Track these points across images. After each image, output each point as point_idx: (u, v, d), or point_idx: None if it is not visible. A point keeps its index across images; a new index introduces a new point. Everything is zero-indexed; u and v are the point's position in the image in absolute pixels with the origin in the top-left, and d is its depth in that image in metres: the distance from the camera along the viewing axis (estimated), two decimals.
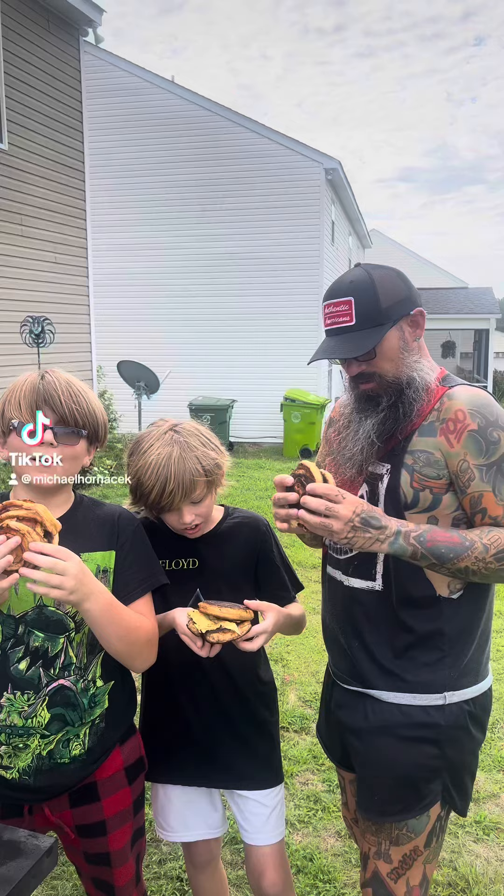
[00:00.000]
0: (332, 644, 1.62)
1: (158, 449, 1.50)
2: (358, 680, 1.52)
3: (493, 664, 3.84)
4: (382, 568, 1.46)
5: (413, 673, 1.45)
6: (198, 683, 1.63)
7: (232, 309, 12.51)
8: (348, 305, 1.41)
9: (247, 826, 1.71)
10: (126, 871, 1.54)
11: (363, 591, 1.49)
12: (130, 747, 1.54)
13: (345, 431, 1.52)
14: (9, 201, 7.37)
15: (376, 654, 1.48)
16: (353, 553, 1.49)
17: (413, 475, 1.41)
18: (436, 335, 21.07)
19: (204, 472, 1.50)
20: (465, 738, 1.47)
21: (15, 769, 1.37)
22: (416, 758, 1.45)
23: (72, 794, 1.45)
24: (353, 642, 1.52)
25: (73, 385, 1.38)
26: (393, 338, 1.43)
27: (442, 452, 1.39)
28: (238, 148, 12.30)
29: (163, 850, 2.39)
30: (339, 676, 1.59)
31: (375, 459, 1.46)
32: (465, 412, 1.38)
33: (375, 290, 1.41)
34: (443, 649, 1.44)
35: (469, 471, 1.37)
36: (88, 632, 1.38)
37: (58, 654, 1.37)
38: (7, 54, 7.27)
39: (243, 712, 1.67)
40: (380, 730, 1.48)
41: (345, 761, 1.64)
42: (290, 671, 3.73)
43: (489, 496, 1.36)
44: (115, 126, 12.37)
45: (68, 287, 8.44)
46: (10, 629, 1.36)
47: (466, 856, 2.41)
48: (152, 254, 12.70)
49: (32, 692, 1.36)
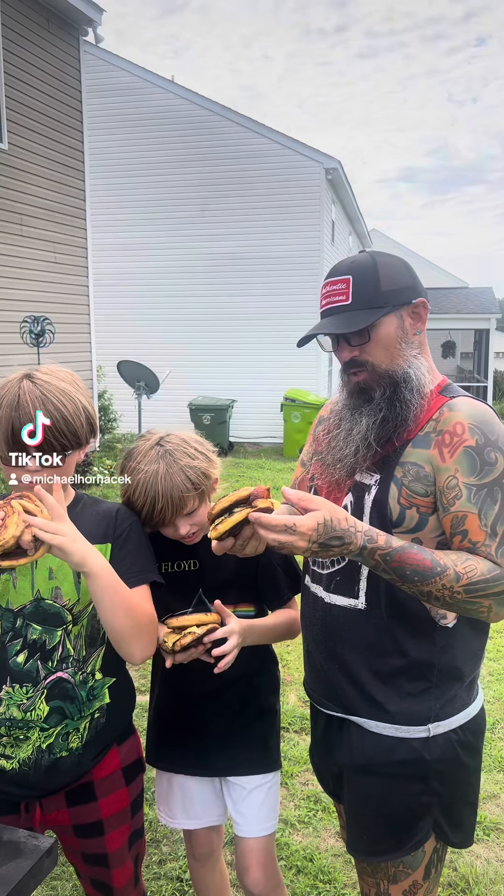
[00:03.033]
0: (308, 663, 1.53)
1: (145, 467, 1.49)
2: (338, 704, 1.43)
3: (492, 664, 3.83)
4: (366, 585, 1.36)
5: (395, 702, 1.35)
6: (202, 670, 1.63)
7: (232, 309, 12.51)
8: (346, 284, 1.33)
9: (238, 818, 1.70)
10: (124, 873, 1.54)
11: (345, 609, 1.39)
12: (128, 748, 1.54)
13: (335, 430, 1.42)
14: (9, 201, 7.37)
15: (357, 678, 1.38)
16: (337, 567, 1.40)
17: (401, 490, 1.31)
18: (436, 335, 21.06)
19: (193, 486, 1.49)
20: (456, 769, 1.38)
21: (16, 759, 1.38)
22: (402, 796, 1.37)
23: (68, 793, 1.45)
24: (332, 664, 1.42)
25: (50, 400, 1.30)
26: (391, 325, 1.33)
27: (432, 467, 1.29)
28: (238, 148, 12.29)
29: (163, 850, 2.39)
30: (316, 699, 1.51)
31: (366, 466, 1.36)
32: (464, 426, 1.27)
33: (377, 273, 1.32)
34: (430, 680, 1.35)
35: (457, 488, 1.25)
36: (87, 625, 1.40)
37: (55, 646, 1.38)
38: (7, 54, 7.27)
39: (246, 700, 1.67)
40: (363, 768, 1.40)
41: (337, 793, 1.57)
42: (290, 671, 3.73)
43: (473, 518, 1.23)
44: (115, 126, 12.37)
45: (68, 287, 8.44)
46: (8, 622, 1.37)
47: (466, 856, 2.41)
48: (152, 253, 12.70)
49: (31, 685, 1.37)
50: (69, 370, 1.41)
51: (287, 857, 2.37)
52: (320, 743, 1.55)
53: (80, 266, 8.67)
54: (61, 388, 1.33)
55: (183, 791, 1.73)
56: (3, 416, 1.29)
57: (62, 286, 8.32)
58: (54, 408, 1.30)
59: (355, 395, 1.39)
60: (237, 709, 1.67)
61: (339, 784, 1.51)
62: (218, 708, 1.66)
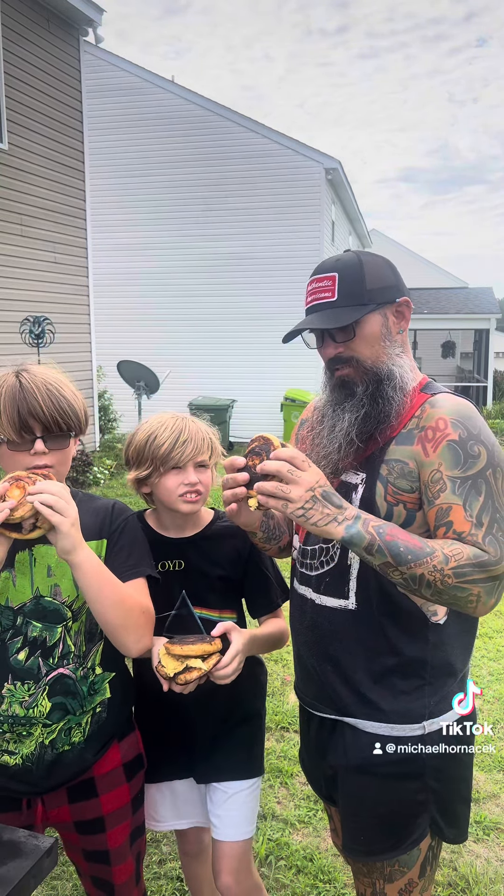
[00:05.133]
0: (298, 666, 1.52)
1: (172, 414, 1.62)
2: (331, 707, 1.42)
3: (492, 664, 3.84)
4: (356, 585, 1.36)
5: (389, 701, 1.35)
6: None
7: (232, 308, 12.51)
8: (332, 281, 1.34)
9: (216, 821, 1.67)
10: (125, 869, 1.54)
11: (335, 610, 1.38)
12: (129, 744, 1.54)
13: (318, 427, 1.42)
14: (9, 201, 7.37)
15: (351, 678, 1.38)
16: (326, 569, 1.40)
17: (387, 487, 1.32)
18: (436, 335, 21.03)
19: (211, 440, 1.59)
20: (451, 765, 1.39)
21: (19, 755, 1.38)
22: (399, 795, 1.37)
23: (70, 789, 1.45)
24: (325, 666, 1.42)
25: (52, 387, 1.36)
26: (375, 323, 1.35)
27: (416, 462, 1.30)
28: (238, 148, 12.29)
29: (163, 850, 2.39)
30: (308, 702, 1.50)
31: (351, 464, 1.37)
32: (446, 421, 1.28)
33: (362, 271, 1.34)
34: (423, 677, 1.36)
35: (441, 481, 1.25)
36: (86, 620, 1.40)
37: (56, 643, 1.38)
38: (7, 54, 7.27)
39: (231, 706, 1.65)
40: (358, 769, 1.39)
41: (329, 796, 1.55)
42: (289, 671, 3.73)
43: (458, 510, 1.23)
44: (115, 126, 12.37)
45: (68, 287, 8.45)
46: (8, 620, 1.38)
47: (466, 856, 2.41)
48: (152, 253, 12.70)
49: (32, 682, 1.37)
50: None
51: (287, 857, 2.37)
52: (313, 746, 1.54)
53: (80, 266, 8.67)
54: (55, 376, 1.40)
55: (172, 792, 1.72)
56: (7, 401, 1.33)
57: (62, 286, 8.32)
58: (55, 389, 1.36)
59: (338, 389, 1.39)
60: (222, 715, 1.65)
61: (332, 786, 1.50)
62: (203, 714, 1.63)
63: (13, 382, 1.35)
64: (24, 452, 1.33)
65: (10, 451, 1.34)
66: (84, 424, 1.43)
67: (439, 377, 14.27)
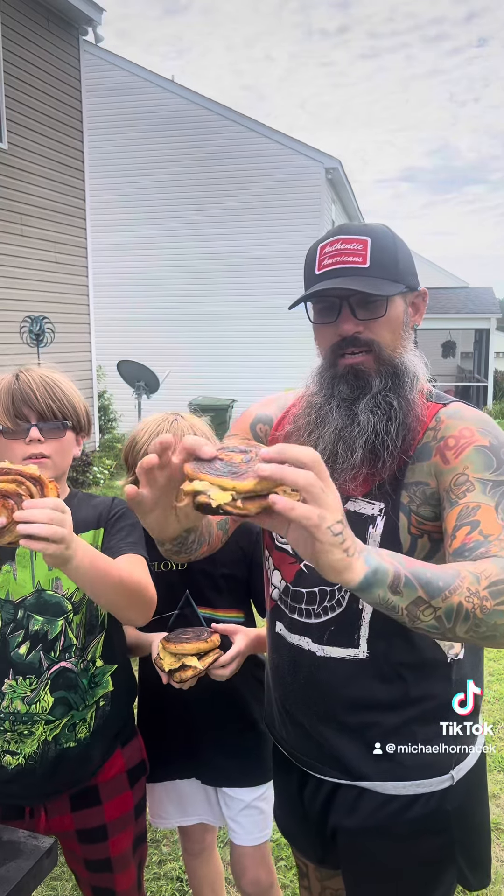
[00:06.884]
0: (288, 722, 1.29)
1: (163, 415, 1.62)
2: (337, 769, 1.21)
3: (492, 664, 3.84)
4: (368, 631, 1.15)
5: (412, 756, 1.17)
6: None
7: (232, 308, 12.51)
8: (363, 245, 1.11)
9: (235, 826, 1.72)
10: (127, 877, 1.53)
11: (343, 661, 1.17)
12: (132, 750, 1.54)
13: (316, 429, 1.17)
14: (9, 201, 7.37)
15: (362, 738, 1.18)
16: (332, 615, 1.18)
17: (410, 518, 1.11)
18: (436, 335, 21.03)
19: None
20: (474, 808, 1.23)
21: (21, 755, 1.37)
22: (423, 856, 1.19)
23: (72, 797, 1.44)
24: (328, 726, 1.21)
25: (48, 379, 1.39)
26: (399, 308, 1.16)
27: (435, 476, 1.10)
28: (238, 147, 12.30)
29: (163, 850, 2.39)
30: (305, 762, 1.27)
31: (359, 489, 1.13)
32: (473, 430, 1.10)
33: (395, 244, 1.14)
34: (448, 719, 1.20)
35: (468, 483, 1.04)
36: (86, 613, 1.40)
37: (57, 636, 1.38)
38: (7, 54, 7.27)
39: (235, 710, 1.66)
40: (374, 830, 1.19)
41: (325, 860, 1.34)
42: None
43: (488, 510, 1.00)
44: (115, 125, 12.37)
45: (68, 287, 8.44)
46: (9, 614, 1.38)
47: None
48: (153, 253, 12.70)
49: (34, 676, 1.37)
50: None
51: (287, 858, 2.36)
52: (306, 808, 1.30)
53: (79, 266, 8.67)
54: (54, 374, 1.42)
55: (177, 791, 1.74)
56: (3, 392, 1.36)
57: (62, 286, 8.31)
58: (51, 381, 1.38)
59: (346, 380, 1.15)
60: (224, 715, 1.65)
61: (328, 849, 1.30)
62: (204, 713, 1.63)
63: (11, 379, 1.39)
64: (20, 441, 1.34)
65: (6, 440, 1.35)
66: (85, 422, 1.43)
67: (439, 377, 14.28)
